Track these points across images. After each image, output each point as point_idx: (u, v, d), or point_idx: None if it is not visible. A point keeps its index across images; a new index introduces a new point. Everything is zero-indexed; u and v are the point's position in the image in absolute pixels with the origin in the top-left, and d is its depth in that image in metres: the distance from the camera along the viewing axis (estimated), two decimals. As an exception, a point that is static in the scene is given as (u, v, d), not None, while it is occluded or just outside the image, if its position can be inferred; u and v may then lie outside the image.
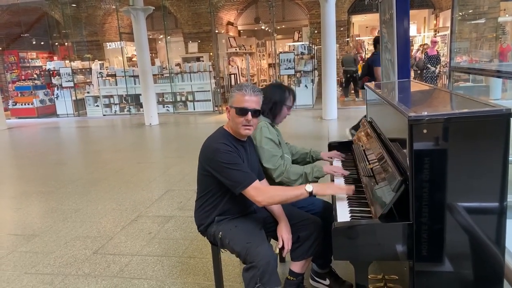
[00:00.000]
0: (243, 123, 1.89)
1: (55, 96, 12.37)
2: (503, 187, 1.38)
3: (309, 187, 1.80)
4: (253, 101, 1.90)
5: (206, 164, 1.89)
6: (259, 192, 1.81)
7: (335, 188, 1.94)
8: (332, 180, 2.24)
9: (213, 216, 1.98)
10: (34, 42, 15.36)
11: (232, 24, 15.40)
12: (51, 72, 12.56)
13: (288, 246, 1.92)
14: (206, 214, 2.00)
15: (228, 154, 1.83)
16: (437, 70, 10.04)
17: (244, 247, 1.79)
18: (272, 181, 2.15)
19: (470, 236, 1.45)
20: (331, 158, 2.54)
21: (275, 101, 2.26)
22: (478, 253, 1.46)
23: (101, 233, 3.38)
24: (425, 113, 1.39)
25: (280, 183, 2.15)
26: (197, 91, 11.44)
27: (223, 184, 1.88)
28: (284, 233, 1.94)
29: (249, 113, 1.88)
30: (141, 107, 10.79)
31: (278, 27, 14.74)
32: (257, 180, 1.86)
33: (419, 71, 10.28)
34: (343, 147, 2.70)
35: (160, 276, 2.63)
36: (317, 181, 2.17)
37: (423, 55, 10.41)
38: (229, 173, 1.82)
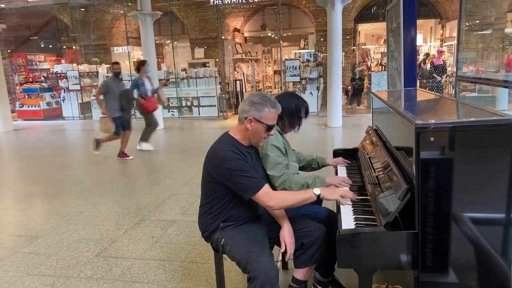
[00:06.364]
0: (265, 137, 1.95)
1: (61, 98, 12.47)
2: (510, 197, 1.37)
3: (317, 191, 1.85)
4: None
5: (213, 171, 1.89)
6: (270, 197, 1.84)
7: (338, 194, 1.90)
8: None
9: (218, 222, 1.97)
10: (42, 45, 15.52)
11: (238, 30, 15.48)
12: (58, 75, 12.67)
13: (290, 250, 1.91)
14: (212, 220, 1.99)
15: (237, 161, 1.84)
16: (443, 80, 10.03)
17: (244, 256, 1.79)
18: (273, 189, 2.14)
19: (476, 247, 1.43)
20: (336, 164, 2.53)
21: (291, 110, 2.24)
22: (484, 264, 1.44)
23: (104, 236, 3.38)
24: (432, 121, 1.38)
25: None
26: (202, 97, 11.48)
27: (229, 190, 1.88)
28: (287, 237, 1.92)
29: (274, 128, 1.95)
30: (147, 111, 10.82)
31: (284, 34, 14.79)
32: (267, 185, 1.88)
33: (424, 81, 10.26)
34: (348, 154, 2.70)
35: (162, 281, 2.62)
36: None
37: (429, 64, 10.40)
38: (239, 180, 1.83)
